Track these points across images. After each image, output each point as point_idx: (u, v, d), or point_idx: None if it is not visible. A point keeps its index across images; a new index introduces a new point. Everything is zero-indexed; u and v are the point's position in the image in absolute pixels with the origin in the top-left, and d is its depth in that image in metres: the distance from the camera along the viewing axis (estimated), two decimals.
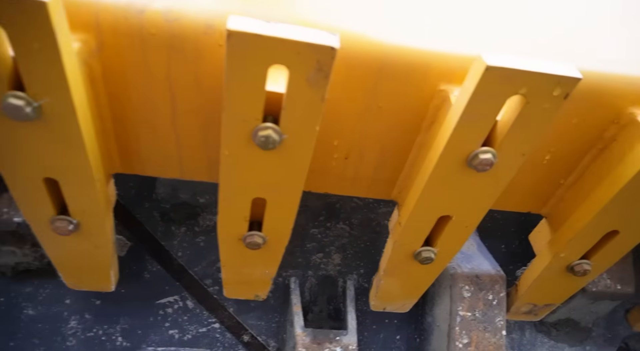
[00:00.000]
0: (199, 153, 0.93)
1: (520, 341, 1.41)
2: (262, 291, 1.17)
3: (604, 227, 0.96)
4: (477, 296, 1.19)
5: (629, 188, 0.87)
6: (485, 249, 1.32)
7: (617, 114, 0.89)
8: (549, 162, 0.98)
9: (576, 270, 1.06)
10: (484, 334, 1.17)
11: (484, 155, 0.78)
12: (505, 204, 1.12)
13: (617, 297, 1.27)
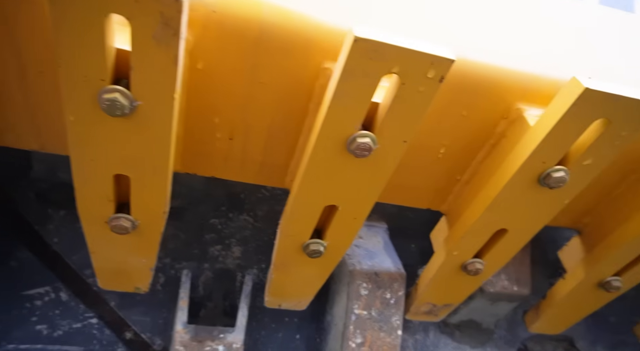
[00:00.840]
0: (56, 121, 0.82)
1: (424, 343, 1.39)
2: (143, 283, 1.06)
3: (492, 225, 0.95)
4: (374, 294, 1.15)
5: (511, 186, 0.85)
6: (391, 247, 1.29)
7: (506, 109, 0.88)
8: (444, 156, 0.96)
9: (469, 268, 1.05)
10: (379, 334, 1.13)
11: (362, 138, 0.73)
12: (405, 199, 1.09)
13: (515, 298, 1.28)
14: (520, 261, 1.27)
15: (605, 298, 1.19)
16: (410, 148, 0.94)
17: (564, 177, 0.82)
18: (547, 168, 0.82)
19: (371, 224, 1.37)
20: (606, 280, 1.12)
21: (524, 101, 0.86)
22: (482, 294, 1.25)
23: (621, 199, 1.07)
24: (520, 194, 0.87)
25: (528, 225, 0.95)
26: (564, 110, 0.73)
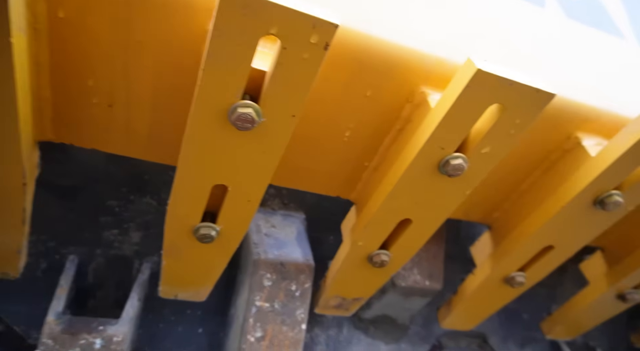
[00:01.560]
0: None
1: (337, 339, 1.36)
2: (11, 268, 0.94)
3: (395, 214, 0.91)
4: (278, 285, 1.09)
5: (411, 173, 0.82)
6: (305, 238, 1.23)
7: (411, 92, 0.84)
8: (350, 139, 0.92)
9: (375, 260, 1.01)
10: (281, 327, 1.07)
11: (243, 109, 0.67)
12: (313, 185, 1.03)
13: (427, 293, 1.27)
14: (434, 255, 1.26)
15: (511, 294, 1.20)
16: (313, 130, 0.89)
17: (462, 164, 0.79)
18: (445, 155, 0.80)
19: (288, 214, 1.31)
20: (510, 275, 1.13)
21: (429, 85, 0.83)
22: (394, 288, 1.22)
23: (526, 194, 1.08)
24: (420, 182, 0.84)
25: (432, 215, 0.93)
26: (459, 92, 0.70)
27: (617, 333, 1.71)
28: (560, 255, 1.08)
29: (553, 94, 0.72)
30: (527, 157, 1.01)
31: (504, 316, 1.58)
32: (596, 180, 0.89)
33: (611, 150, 0.86)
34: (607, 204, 0.92)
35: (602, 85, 0.98)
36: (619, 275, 1.23)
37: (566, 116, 0.93)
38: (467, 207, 1.13)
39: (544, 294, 1.68)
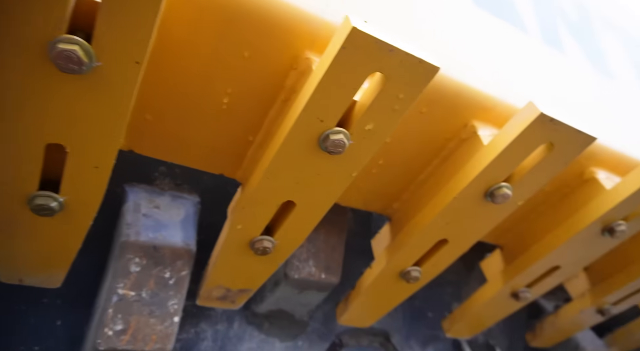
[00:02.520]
0: None
1: (226, 334, 1.25)
2: None
3: (274, 195, 0.83)
4: (148, 272, 0.96)
5: (288, 148, 0.74)
6: (193, 222, 1.12)
7: (295, 57, 0.76)
8: (229, 108, 0.82)
9: (257, 247, 0.92)
10: (148, 319, 0.95)
11: (65, 45, 0.54)
12: (195, 160, 0.92)
13: (324, 287, 1.21)
14: (333, 247, 1.19)
15: (408, 290, 1.16)
16: (186, 89, 0.78)
17: (342, 140, 0.72)
18: (325, 129, 0.72)
19: (179, 195, 1.18)
20: (406, 270, 1.09)
21: (315, 50, 0.76)
22: (286, 281, 1.14)
23: (424, 185, 1.04)
24: (299, 158, 0.76)
25: (316, 198, 0.85)
26: (334, 55, 0.63)
27: (517, 332, 1.76)
28: (455, 250, 1.06)
29: (437, 67, 0.67)
30: (425, 144, 0.96)
31: (409, 315, 1.56)
32: (486, 171, 0.86)
33: (500, 140, 0.84)
34: (497, 196, 0.89)
35: (501, 75, 0.96)
36: (513, 274, 1.23)
37: (463, 102, 0.90)
38: (365, 196, 1.08)
39: (450, 293, 1.68)
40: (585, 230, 1.08)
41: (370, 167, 0.99)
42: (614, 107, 1.20)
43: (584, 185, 1.12)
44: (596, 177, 1.09)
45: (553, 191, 1.15)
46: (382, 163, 0.99)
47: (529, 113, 0.79)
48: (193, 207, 1.19)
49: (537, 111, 0.77)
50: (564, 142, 0.82)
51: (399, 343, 1.52)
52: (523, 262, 1.21)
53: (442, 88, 0.86)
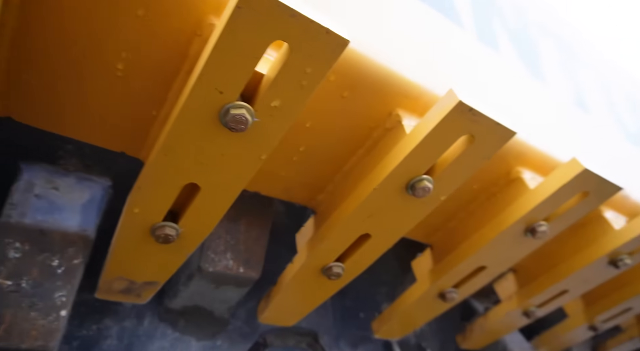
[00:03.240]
0: None
1: (134, 332, 1.15)
2: None
3: (173, 174, 0.75)
4: (32, 259, 0.85)
5: (184, 123, 0.67)
6: (97, 207, 1.01)
7: (198, 23, 0.69)
8: (125, 75, 0.73)
9: (157, 233, 0.84)
10: (27, 313, 0.84)
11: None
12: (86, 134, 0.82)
13: (242, 282, 1.13)
14: (256, 240, 1.12)
15: (330, 287, 1.11)
16: (74, 50, 0.69)
17: (244, 116, 0.66)
18: (225, 102, 0.65)
19: (87, 177, 1.07)
20: (328, 265, 1.03)
21: (220, 16, 0.69)
22: (200, 274, 1.06)
23: (349, 176, 0.99)
24: (198, 133, 0.69)
25: (222, 182, 0.78)
26: (228, 16, 0.56)
27: (449, 334, 1.76)
28: (379, 245, 1.01)
29: (346, 40, 0.62)
30: (349, 132, 0.92)
31: (339, 315, 1.51)
32: (405, 162, 0.82)
33: (419, 129, 0.80)
34: (417, 189, 0.86)
35: (431, 66, 0.93)
36: (440, 274, 1.21)
37: (388, 90, 0.85)
38: (286, 185, 1.02)
39: (384, 293, 1.65)
40: (509, 230, 1.07)
41: (290, 154, 0.93)
42: (542, 109, 1.21)
43: (511, 185, 1.11)
44: (522, 177, 1.09)
45: (481, 190, 1.14)
46: (304, 151, 0.93)
47: (448, 102, 0.76)
48: (101, 190, 1.08)
49: (455, 99, 0.74)
50: (484, 135, 0.80)
51: (328, 344, 1.47)
52: (450, 261, 1.20)
53: (365, 72, 0.82)
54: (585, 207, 1.04)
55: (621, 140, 1.50)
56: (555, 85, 1.32)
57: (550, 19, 1.50)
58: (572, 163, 0.97)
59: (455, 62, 1.01)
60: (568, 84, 1.38)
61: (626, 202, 1.34)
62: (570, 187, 0.97)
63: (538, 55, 1.33)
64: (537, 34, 1.37)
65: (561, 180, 0.97)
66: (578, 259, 1.31)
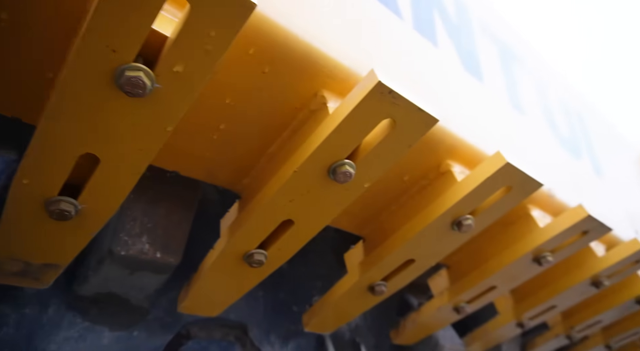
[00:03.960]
0: None
1: (37, 320, 1.06)
2: None
3: (64, 143, 0.68)
4: None
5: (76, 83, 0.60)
6: None
7: None
8: (10, 26, 0.66)
9: (51, 208, 0.76)
10: None
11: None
12: None
13: (160, 268, 1.07)
14: (177, 223, 1.06)
15: (253, 275, 1.07)
16: None
17: (141, 78, 0.60)
18: (120, 63, 0.60)
19: None
20: (249, 252, 0.99)
21: None
22: (112, 258, 0.99)
23: (274, 158, 0.95)
24: (89, 96, 0.63)
25: (124, 153, 0.72)
26: None
27: (385, 330, 1.76)
28: (302, 232, 0.98)
29: (253, 3, 0.58)
30: (272, 111, 0.88)
31: (271, 307, 1.47)
32: (326, 144, 0.79)
33: (340, 110, 0.78)
34: (339, 174, 0.83)
35: (361, 48, 0.91)
36: (369, 266, 1.20)
37: (313, 68, 0.82)
38: (208, 166, 0.97)
39: (319, 287, 1.63)
40: (435, 223, 1.07)
41: (209, 132, 0.88)
42: (476, 105, 1.22)
43: (441, 178, 1.11)
44: (451, 170, 1.09)
45: (412, 182, 1.14)
46: (225, 129, 0.88)
47: (368, 82, 0.73)
48: (2, 164, 0.99)
49: (375, 79, 0.72)
50: (406, 120, 0.78)
51: (258, 337, 1.43)
52: (379, 253, 1.18)
53: (288, 48, 0.78)
54: (508, 202, 1.06)
55: (553, 143, 1.55)
56: (491, 84, 1.34)
57: (492, 18, 1.53)
58: (495, 156, 0.98)
59: (390, 49, 1.00)
60: (504, 84, 1.41)
61: (553, 202, 1.38)
62: (494, 180, 0.98)
63: (476, 53, 1.34)
64: (477, 32, 1.39)
65: (485, 173, 0.98)
66: (505, 256, 1.34)
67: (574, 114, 1.87)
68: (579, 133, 1.82)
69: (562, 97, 1.83)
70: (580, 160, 1.72)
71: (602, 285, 1.56)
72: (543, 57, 1.83)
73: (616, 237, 1.67)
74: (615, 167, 2.06)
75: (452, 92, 1.16)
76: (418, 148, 1.05)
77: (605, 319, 1.92)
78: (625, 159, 2.32)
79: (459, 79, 1.21)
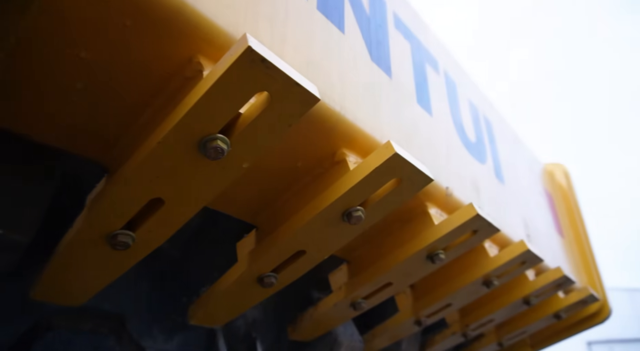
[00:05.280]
0: None
1: None
2: None
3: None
4: None
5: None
6: None
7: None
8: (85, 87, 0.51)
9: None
10: None
11: None
12: None
13: (3, 247, 0.93)
14: (29, 198, 0.92)
15: (121, 259, 0.96)
16: None
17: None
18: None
19: None
20: (113, 233, 0.88)
21: None
22: None
23: (146, 127, 0.85)
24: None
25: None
26: None
27: (286, 325, 1.71)
28: (173, 213, 0.89)
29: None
30: (142, 75, 0.78)
31: (156, 297, 1.36)
32: (194, 114, 0.72)
33: (210, 77, 0.70)
34: (209, 149, 0.76)
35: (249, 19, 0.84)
36: (259, 256, 1.14)
37: (186, 30, 0.74)
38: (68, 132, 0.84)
39: (216, 277, 1.54)
40: (325, 213, 1.03)
41: (64, 91, 0.76)
42: (380, 96, 1.20)
43: (335, 167, 1.08)
44: (347, 160, 1.06)
45: (306, 169, 1.09)
46: (83, 89, 0.77)
47: (239, 47, 0.67)
48: None
49: (245, 44, 0.66)
50: (283, 95, 0.73)
51: (138, 330, 1.31)
52: (269, 243, 1.13)
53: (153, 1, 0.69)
54: (399, 195, 1.05)
55: (457, 144, 1.60)
56: (400, 79, 1.34)
57: (409, 15, 1.53)
58: (385, 146, 0.95)
59: (285, 23, 0.94)
60: (414, 81, 1.42)
61: (450, 201, 1.41)
62: (383, 171, 0.96)
63: (388, 46, 1.33)
64: (391, 26, 1.38)
65: (374, 163, 0.96)
66: (400, 252, 1.34)
67: (482, 120, 1.94)
68: (485, 139, 1.90)
69: (472, 102, 1.90)
70: (484, 165, 1.79)
71: (493, 284, 1.63)
72: (458, 62, 1.89)
73: (510, 240, 1.75)
74: (517, 175, 2.18)
75: (355, 80, 1.13)
76: (312, 133, 1.01)
77: (497, 318, 2.02)
78: (528, 170, 2.48)
79: (365, 69, 1.19)
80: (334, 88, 1.01)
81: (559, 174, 2.99)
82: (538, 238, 2.10)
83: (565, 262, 2.38)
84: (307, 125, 0.98)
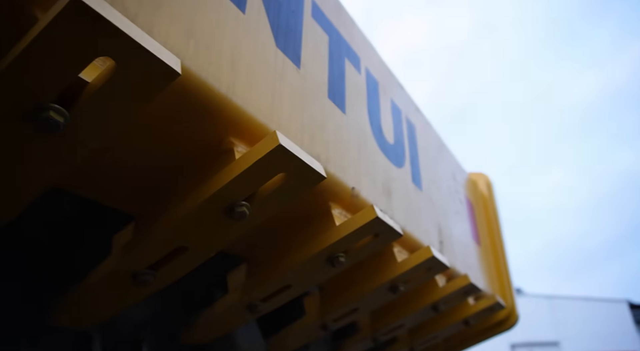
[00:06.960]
0: None
1: None
2: None
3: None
4: None
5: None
6: None
7: None
8: None
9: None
10: None
11: None
12: None
13: None
14: None
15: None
16: None
17: None
18: None
19: None
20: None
21: None
22: None
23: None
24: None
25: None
26: None
27: (178, 328, 1.59)
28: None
29: None
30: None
31: (19, 296, 1.19)
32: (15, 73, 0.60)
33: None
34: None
35: None
36: (132, 249, 1.02)
37: None
38: None
39: None
40: (206, 206, 0.94)
41: None
42: (282, 86, 1.13)
43: (222, 156, 0.99)
44: (234, 149, 0.97)
45: (189, 158, 1.00)
46: None
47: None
48: None
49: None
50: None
51: None
52: (145, 236, 1.01)
53: None
54: (286, 192, 0.98)
55: (371, 145, 1.57)
56: (310, 72, 1.28)
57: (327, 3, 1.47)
58: (270, 137, 0.88)
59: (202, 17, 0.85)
60: (327, 75, 1.36)
61: (356, 202, 1.37)
62: (267, 164, 0.89)
63: (302, 36, 1.27)
64: (306, 14, 1.32)
65: (258, 154, 0.88)
66: (300, 253, 1.28)
67: (405, 123, 1.94)
68: (405, 143, 1.89)
69: (396, 104, 1.88)
70: (401, 168, 1.77)
71: (399, 290, 1.62)
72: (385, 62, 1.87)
73: (422, 246, 1.75)
74: (437, 182, 2.21)
75: (252, 65, 1.04)
76: (193, 116, 0.91)
77: (407, 323, 2.03)
78: (451, 177, 2.53)
79: (266, 55, 1.11)
80: (221, 68, 0.92)
81: (481, 184, 3.10)
82: (452, 246, 2.14)
83: (478, 270, 2.45)
84: (186, 107, 0.88)
